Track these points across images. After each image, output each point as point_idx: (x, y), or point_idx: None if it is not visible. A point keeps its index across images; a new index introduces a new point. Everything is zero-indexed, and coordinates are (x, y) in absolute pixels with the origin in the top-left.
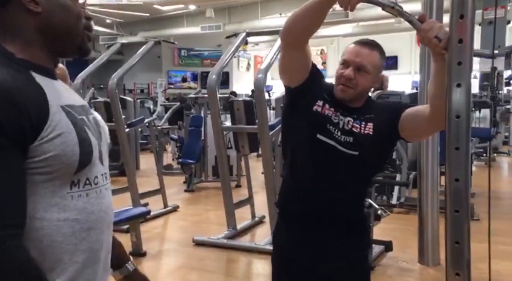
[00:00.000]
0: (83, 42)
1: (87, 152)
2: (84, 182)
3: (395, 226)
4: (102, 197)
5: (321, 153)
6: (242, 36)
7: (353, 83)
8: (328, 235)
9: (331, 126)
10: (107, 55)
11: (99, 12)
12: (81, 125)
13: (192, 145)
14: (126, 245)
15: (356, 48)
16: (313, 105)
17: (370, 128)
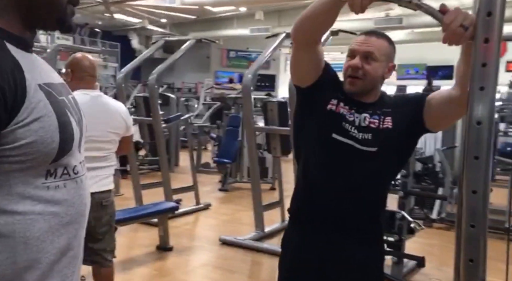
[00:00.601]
0: (65, 16)
1: (68, 139)
2: (62, 172)
3: (433, 242)
4: (82, 188)
5: (337, 153)
6: (281, 37)
7: (361, 73)
8: (341, 239)
9: (347, 124)
10: (151, 51)
11: (153, 13)
12: (62, 107)
13: (229, 144)
14: (154, 239)
15: (362, 37)
16: (326, 104)
17: (389, 122)
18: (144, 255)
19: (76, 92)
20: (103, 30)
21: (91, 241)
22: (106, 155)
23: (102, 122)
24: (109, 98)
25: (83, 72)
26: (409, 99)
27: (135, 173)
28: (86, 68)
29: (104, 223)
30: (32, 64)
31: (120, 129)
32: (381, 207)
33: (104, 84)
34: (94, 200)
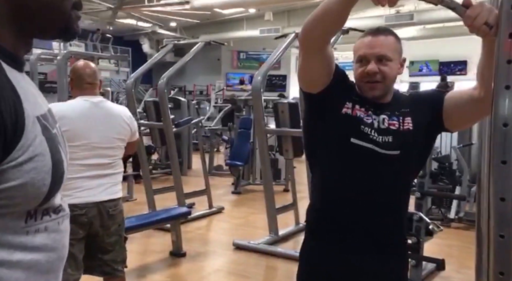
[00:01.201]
0: (69, 23)
1: (59, 180)
2: (43, 213)
3: (452, 243)
4: (64, 230)
5: (357, 158)
6: (291, 37)
7: (379, 76)
8: (367, 251)
9: (366, 128)
10: (160, 55)
11: (163, 18)
12: (56, 143)
13: (241, 146)
14: (166, 245)
15: (369, 39)
16: (341, 108)
17: (409, 122)
18: (157, 261)
19: (77, 99)
20: (114, 35)
21: (101, 252)
22: (111, 162)
23: (105, 129)
24: (112, 104)
25: (82, 80)
26: (427, 98)
27: (147, 178)
28: (84, 76)
29: (112, 233)
30: (26, 89)
31: (125, 134)
32: (405, 211)
33: (116, 89)
34: (101, 209)
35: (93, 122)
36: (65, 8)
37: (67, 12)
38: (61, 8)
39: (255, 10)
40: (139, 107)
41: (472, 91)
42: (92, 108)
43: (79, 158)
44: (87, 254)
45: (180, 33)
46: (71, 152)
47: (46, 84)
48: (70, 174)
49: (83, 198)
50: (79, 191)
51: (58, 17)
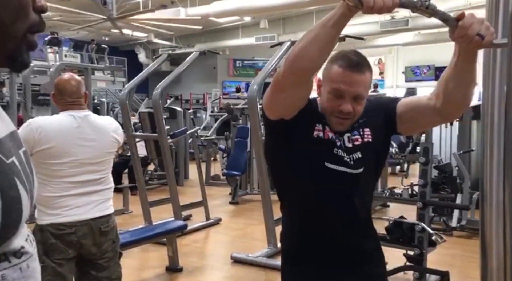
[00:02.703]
0: (18, 51)
1: (14, 221)
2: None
3: (454, 253)
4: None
5: (332, 182)
6: (286, 45)
7: (351, 115)
8: (352, 267)
9: (339, 150)
10: (154, 66)
11: (159, 27)
12: (11, 176)
13: (238, 156)
14: (163, 259)
15: (348, 75)
16: (313, 131)
17: (369, 134)
18: (153, 277)
19: (61, 114)
20: (110, 45)
21: (95, 270)
22: (100, 177)
23: (92, 144)
24: (98, 117)
25: (64, 97)
26: (381, 106)
27: (143, 191)
28: (65, 96)
29: (106, 250)
30: None
31: (113, 147)
32: (370, 218)
33: (112, 100)
34: (92, 226)
35: (79, 137)
36: (17, 31)
37: (18, 37)
38: (12, 31)
39: (250, 18)
40: (135, 118)
41: (427, 101)
42: (78, 123)
43: (67, 175)
44: (81, 273)
45: (176, 42)
46: (58, 169)
47: (39, 96)
48: (58, 192)
49: (72, 216)
50: (68, 209)
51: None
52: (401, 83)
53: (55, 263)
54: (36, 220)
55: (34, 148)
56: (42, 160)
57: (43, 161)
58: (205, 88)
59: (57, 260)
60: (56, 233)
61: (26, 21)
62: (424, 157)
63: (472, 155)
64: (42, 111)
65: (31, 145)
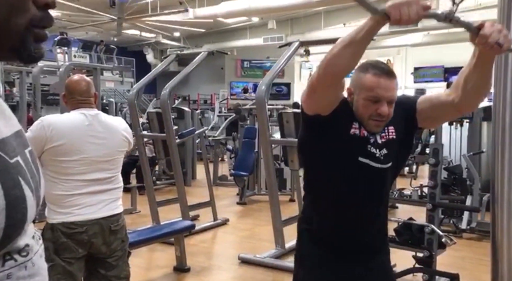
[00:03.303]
0: (24, 43)
1: (19, 221)
2: (4, 258)
3: (464, 255)
4: (35, 274)
5: (364, 174)
6: (295, 46)
7: (386, 118)
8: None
9: (372, 148)
10: (163, 66)
11: (167, 28)
12: (15, 176)
13: (245, 156)
14: (170, 259)
15: (384, 82)
16: (349, 128)
17: (393, 131)
18: (160, 277)
19: (73, 113)
20: (118, 46)
21: (104, 268)
22: (110, 176)
23: (103, 142)
24: (107, 116)
25: (74, 97)
26: (402, 104)
27: (151, 191)
28: (75, 95)
29: (115, 249)
30: None
31: (123, 146)
32: (387, 212)
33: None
34: (102, 225)
35: (90, 135)
36: (15, 26)
37: (18, 30)
38: (9, 26)
39: (258, 19)
40: (143, 118)
41: (446, 97)
42: (89, 121)
43: (78, 173)
44: (89, 272)
45: (184, 43)
46: (69, 166)
47: (49, 96)
48: (69, 191)
49: (83, 215)
50: (79, 208)
51: (5, 35)
52: (409, 84)
53: (65, 262)
54: (46, 219)
55: (46, 145)
56: (53, 157)
57: (54, 158)
58: (212, 89)
59: (67, 259)
60: (67, 232)
61: (23, 16)
62: (434, 158)
63: (482, 156)
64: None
65: (43, 142)
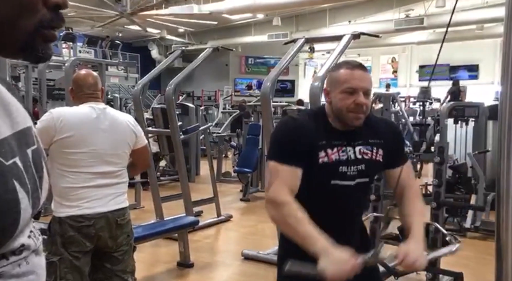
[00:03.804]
0: (32, 43)
1: (9, 225)
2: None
3: (468, 254)
4: (30, 272)
5: (336, 194)
6: (300, 43)
7: (365, 108)
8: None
9: (343, 167)
10: (168, 61)
11: (172, 23)
12: (9, 179)
13: (249, 153)
14: (174, 254)
15: (358, 73)
16: (317, 160)
17: (381, 155)
18: (164, 272)
19: (82, 106)
20: (123, 42)
21: (110, 263)
22: (118, 170)
23: (110, 135)
24: (115, 110)
25: (82, 91)
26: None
27: (155, 186)
28: (83, 88)
29: (121, 243)
30: None
31: (130, 140)
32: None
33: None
34: (109, 219)
35: (98, 128)
36: (24, 26)
37: (27, 31)
38: (19, 27)
39: (263, 16)
40: (147, 114)
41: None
42: (97, 114)
43: (86, 166)
44: (95, 266)
45: (189, 39)
46: (77, 158)
47: (55, 91)
48: (77, 183)
49: (91, 209)
50: (87, 201)
51: (15, 36)
52: (414, 82)
53: (72, 256)
54: (53, 212)
55: (55, 137)
56: (62, 149)
57: (63, 150)
58: (217, 85)
59: (75, 253)
60: (75, 225)
61: (32, 17)
62: (439, 156)
63: (487, 155)
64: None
65: (52, 134)
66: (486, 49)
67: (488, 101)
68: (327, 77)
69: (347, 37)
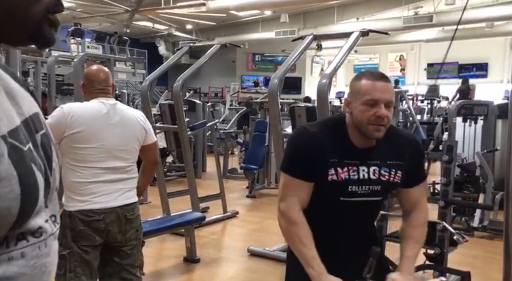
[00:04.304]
0: (40, 29)
1: (31, 203)
2: (17, 238)
3: (476, 253)
4: (48, 253)
5: (346, 210)
6: (308, 39)
7: (386, 121)
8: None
9: (353, 187)
10: (176, 58)
11: (179, 20)
12: (28, 163)
13: (256, 150)
14: (180, 250)
15: (380, 84)
16: (327, 177)
17: (399, 177)
18: (170, 267)
19: (92, 101)
20: (131, 38)
21: (118, 257)
22: (127, 165)
23: (120, 131)
24: (125, 106)
25: (94, 86)
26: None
27: (162, 182)
28: (95, 83)
29: (130, 238)
30: None
31: (140, 136)
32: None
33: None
34: (118, 214)
35: (108, 124)
36: (33, 13)
37: (36, 18)
38: (28, 14)
39: (271, 12)
40: (154, 110)
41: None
42: (107, 110)
43: (96, 161)
44: (104, 260)
45: (196, 35)
46: (87, 153)
47: (63, 86)
48: (87, 178)
49: (101, 203)
50: (97, 196)
51: (25, 23)
52: (422, 80)
53: (82, 250)
54: (63, 206)
55: (66, 132)
56: (72, 144)
57: (73, 145)
58: (223, 82)
59: (84, 247)
60: (85, 219)
61: (40, 3)
62: (448, 155)
63: (496, 154)
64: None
65: (63, 129)
66: (496, 48)
67: (497, 100)
68: (349, 88)
69: (355, 34)
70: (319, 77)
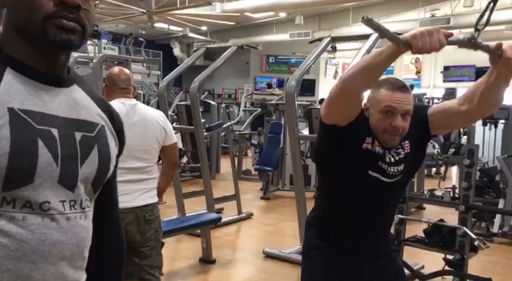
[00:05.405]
0: (43, 31)
1: (24, 169)
2: (22, 204)
3: (496, 259)
4: (53, 228)
5: (371, 187)
6: (326, 41)
7: (401, 130)
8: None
9: (384, 164)
10: (193, 59)
11: (194, 22)
12: (32, 135)
13: (271, 151)
14: (196, 250)
15: (398, 95)
16: (362, 142)
17: (408, 145)
18: (187, 267)
19: (113, 102)
20: (146, 39)
21: (138, 257)
22: (147, 166)
23: (140, 131)
24: (145, 106)
25: (116, 85)
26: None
27: (178, 182)
28: (118, 82)
29: (149, 238)
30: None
31: (160, 137)
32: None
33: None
34: (137, 214)
35: (128, 124)
36: (34, 20)
37: (38, 22)
38: (30, 22)
39: (285, 14)
40: (170, 110)
41: (458, 107)
42: (126, 110)
43: None
44: None
45: (210, 37)
46: None
47: None
48: None
49: (120, 203)
50: None
51: (31, 30)
52: (439, 83)
53: None
54: None
55: None
56: None
57: None
58: (237, 83)
59: None
60: None
61: (38, 13)
62: (469, 159)
63: None
64: None
65: None
66: None
67: None
68: (368, 93)
69: (374, 36)
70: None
